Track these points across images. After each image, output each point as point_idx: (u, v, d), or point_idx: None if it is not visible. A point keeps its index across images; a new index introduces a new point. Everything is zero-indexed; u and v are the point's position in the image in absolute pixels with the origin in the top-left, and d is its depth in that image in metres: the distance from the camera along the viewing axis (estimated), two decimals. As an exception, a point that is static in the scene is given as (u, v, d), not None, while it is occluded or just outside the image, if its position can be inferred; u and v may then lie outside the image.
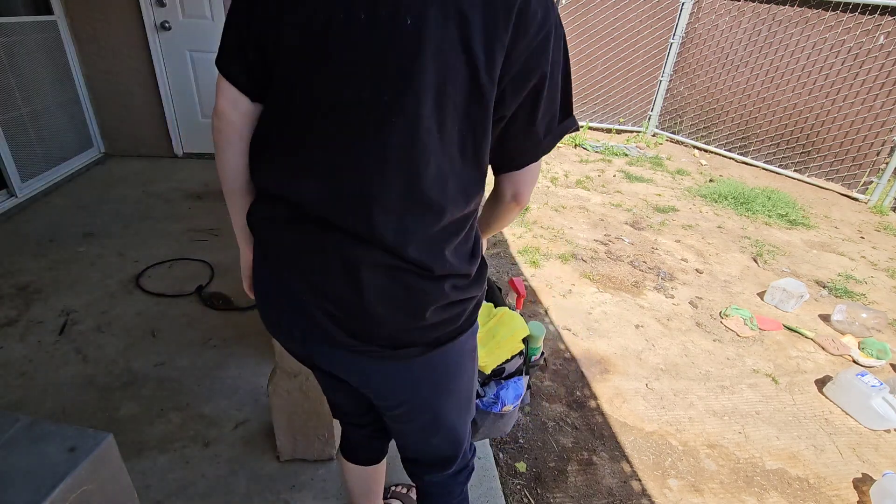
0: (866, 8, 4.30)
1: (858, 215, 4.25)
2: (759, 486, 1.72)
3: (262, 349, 2.05)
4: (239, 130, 0.78)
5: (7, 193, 3.03)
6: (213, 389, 1.85)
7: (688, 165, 5.08)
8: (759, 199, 4.19)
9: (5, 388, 1.79)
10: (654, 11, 5.38)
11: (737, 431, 1.95)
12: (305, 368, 1.42)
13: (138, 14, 3.54)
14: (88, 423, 1.68)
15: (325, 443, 1.56)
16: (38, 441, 0.67)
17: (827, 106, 4.66)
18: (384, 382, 0.87)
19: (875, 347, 2.40)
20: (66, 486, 0.62)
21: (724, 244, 3.46)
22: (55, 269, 2.49)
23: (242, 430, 1.69)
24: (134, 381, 1.87)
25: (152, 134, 3.97)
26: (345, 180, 0.70)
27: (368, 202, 0.70)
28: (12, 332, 2.06)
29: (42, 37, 3.28)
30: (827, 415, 2.08)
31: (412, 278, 0.74)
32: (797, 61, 4.76)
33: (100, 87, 3.75)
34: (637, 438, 1.87)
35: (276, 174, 0.76)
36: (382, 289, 0.74)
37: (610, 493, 1.65)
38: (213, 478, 1.53)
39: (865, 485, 1.76)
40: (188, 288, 2.43)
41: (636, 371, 2.22)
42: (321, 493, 1.50)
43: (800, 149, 4.90)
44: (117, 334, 2.09)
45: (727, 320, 2.60)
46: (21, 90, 3.10)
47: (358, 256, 0.73)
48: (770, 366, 2.33)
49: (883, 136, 4.38)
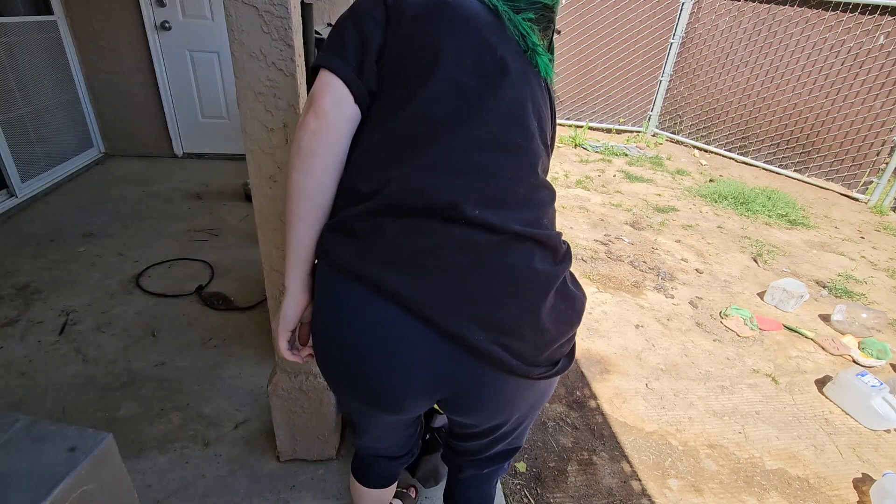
0: (866, 8, 4.30)
1: (858, 215, 4.25)
2: (759, 486, 1.72)
3: (262, 349, 2.05)
4: (341, 134, 0.73)
5: (7, 193, 3.03)
6: (213, 389, 1.85)
7: (688, 165, 5.08)
8: (759, 199, 4.19)
9: (5, 388, 1.79)
10: (654, 11, 5.38)
11: (737, 431, 1.95)
12: (305, 368, 1.43)
13: (138, 14, 3.54)
14: (88, 423, 1.67)
15: (325, 443, 1.56)
16: (38, 441, 0.67)
17: (827, 106, 4.66)
18: (511, 401, 0.81)
19: (875, 347, 2.40)
20: (66, 486, 0.62)
21: (724, 244, 3.46)
22: (55, 269, 2.49)
23: (242, 430, 1.69)
24: (134, 381, 1.87)
25: (152, 134, 3.97)
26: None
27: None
28: (12, 332, 2.06)
29: (42, 37, 3.28)
30: (827, 415, 2.08)
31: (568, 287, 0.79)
32: (797, 61, 4.76)
33: (100, 87, 3.74)
34: (637, 438, 1.87)
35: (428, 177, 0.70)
36: (553, 304, 0.73)
37: (610, 493, 1.65)
38: (213, 478, 1.53)
39: (865, 485, 1.76)
40: (188, 288, 2.43)
41: (636, 371, 2.22)
42: (321, 493, 1.50)
43: (800, 149, 4.90)
44: (117, 334, 2.09)
45: (727, 320, 2.60)
46: (21, 90, 3.10)
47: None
48: (770, 366, 2.33)
49: (883, 136, 4.38)
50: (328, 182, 0.74)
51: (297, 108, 1.08)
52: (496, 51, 0.76)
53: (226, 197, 3.43)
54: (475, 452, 1.06)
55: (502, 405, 0.81)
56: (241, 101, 1.06)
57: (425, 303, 0.67)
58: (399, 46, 0.75)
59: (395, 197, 0.68)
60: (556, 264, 0.74)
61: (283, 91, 1.05)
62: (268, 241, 1.24)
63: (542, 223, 0.74)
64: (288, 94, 1.06)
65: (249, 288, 2.46)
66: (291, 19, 0.99)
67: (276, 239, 1.23)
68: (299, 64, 1.05)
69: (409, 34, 0.75)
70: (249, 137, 1.10)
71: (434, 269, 0.67)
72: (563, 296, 0.75)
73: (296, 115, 1.09)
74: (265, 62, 1.02)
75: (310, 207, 0.74)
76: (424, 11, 0.75)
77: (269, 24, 0.98)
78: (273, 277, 1.29)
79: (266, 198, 1.17)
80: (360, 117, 0.75)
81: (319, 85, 0.73)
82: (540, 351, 0.73)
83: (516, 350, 0.71)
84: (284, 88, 1.05)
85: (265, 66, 1.02)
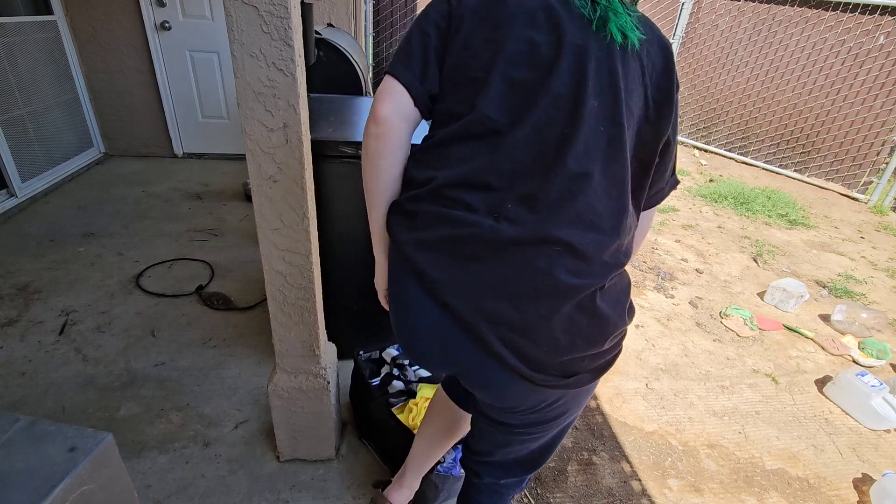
0: (866, 8, 4.30)
1: (858, 215, 4.25)
2: (759, 486, 1.72)
3: (262, 349, 2.05)
4: (401, 137, 0.80)
5: (7, 193, 3.03)
6: (213, 389, 1.85)
7: (688, 165, 5.08)
8: (759, 199, 4.19)
9: (5, 388, 1.79)
10: (654, 11, 5.38)
11: (737, 431, 1.95)
12: (305, 368, 1.43)
13: (138, 14, 3.54)
14: (88, 423, 1.68)
15: (325, 443, 1.56)
16: (38, 441, 0.67)
17: (827, 106, 4.66)
18: (518, 397, 0.84)
19: (875, 347, 2.40)
20: (66, 486, 0.62)
21: (724, 244, 3.46)
22: (55, 269, 2.49)
23: (242, 430, 1.69)
24: (134, 381, 1.87)
25: (152, 134, 3.97)
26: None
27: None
28: (12, 332, 2.06)
29: (42, 37, 3.28)
30: (827, 415, 2.08)
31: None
32: (797, 61, 4.76)
33: (100, 87, 3.74)
34: (637, 438, 1.87)
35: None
36: (570, 316, 0.76)
37: (610, 493, 1.65)
38: (213, 478, 1.53)
39: (865, 485, 1.76)
40: (188, 288, 2.43)
41: (636, 371, 2.22)
42: (321, 493, 1.50)
43: (800, 149, 4.90)
44: (117, 334, 2.09)
45: (727, 320, 2.60)
46: (21, 90, 3.10)
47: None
48: (770, 366, 2.33)
49: (883, 136, 4.38)
50: (395, 175, 0.83)
51: (296, 108, 1.08)
52: (555, 33, 0.72)
53: (226, 197, 3.43)
54: (498, 454, 1.04)
55: (508, 397, 0.83)
56: (241, 101, 1.06)
57: (445, 288, 0.73)
58: (460, 52, 0.78)
59: (437, 189, 0.75)
60: (583, 277, 0.71)
61: (282, 91, 1.05)
62: (268, 241, 1.23)
63: (579, 228, 0.71)
64: (288, 94, 1.06)
65: (249, 288, 2.46)
66: (291, 19, 0.99)
67: (276, 239, 1.23)
68: (299, 64, 1.05)
69: (470, 38, 0.77)
70: (249, 137, 1.10)
71: (459, 258, 0.73)
72: (586, 311, 0.73)
73: (296, 115, 1.09)
74: (265, 62, 1.02)
75: (382, 197, 0.84)
76: (484, 14, 0.76)
77: (269, 24, 0.98)
78: (273, 277, 1.29)
79: (266, 198, 1.17)
80: (420, 119, 0.82)
81: (380, 91, 0.80)
82: (550, 358, 0.74)
83: (524, 351, 0.73)
84: (284, 88, 1.05)
85: (265, 66, 1.02)
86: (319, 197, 1.54)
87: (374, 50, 5.46)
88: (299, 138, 1.11)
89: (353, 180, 1.59)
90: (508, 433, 0.96)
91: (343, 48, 2.46)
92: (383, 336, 1.88)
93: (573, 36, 0.72)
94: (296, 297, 1.32)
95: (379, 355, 1.70)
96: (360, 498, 1.50)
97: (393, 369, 1.61)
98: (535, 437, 0.96)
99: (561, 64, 0.71)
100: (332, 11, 3.53)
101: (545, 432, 0.95)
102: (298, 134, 1.11)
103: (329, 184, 1.60)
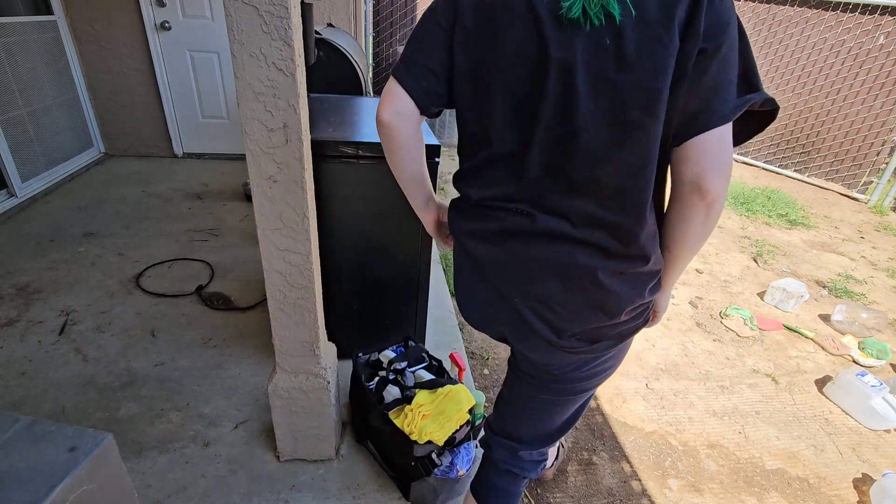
0: (866, 8, 4.30)
1: (858, 215, 4.25)
2: (759, 486, 1.72)
3: (262, 349, 2.05)
4: (406, 134, 0.88)
5: (7, 193, 3.03)
6: (213, 389, 1.85)
7: (688, 165, 5.08)
8: (759, 199, 4.19)
9: (5, 388, 1.79)
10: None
11: (737, 431, 1.95)
12: (305, 368, 1.43)
13: (138, 14, 3.54)
14: (88, 423, 1.68)
15: (326, 443, 1.56)
16: (38, 441, 0.67)
17: (827, 106, 4.67)
18: (547, 356, 0.96)
19: (875, 347, 2.40)
20: (65, 486, 0.62)
21: (724, 244, 3.46)
22: (55, 269, 2.49)
23: (242, 430, 1.69)
24: (134, 381, 1.87)
25: (152, 134, 3.97)
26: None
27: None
28: (12, 332, 2.06)
29: (42, 37, 3.28)
30: (827, 415, 2.08)
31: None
32: (797, 61, 4.76)
33: (100, 87, 3.74)
34: (637, 438, 1.87)
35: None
36: (584, 287, 0.87)
37: (610, 493, 1.65)
38: (213, 478, 1.53)
39: (865, 485, 1.76)
40: (188, 288, 2.43)
41: (636, 371, 2.22)
42: (321, 493, 1.50)
43: (800, 149, 4.90)
44: (117, 334, 2.09)
45: (727, 320, 2.60)
46: (21, 90, 3.10)
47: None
48: (770, 366, 2.33)
49: (883, 136, 4.38)
50: (414, 167, 0.95)
51: (296, 108, 1.08)
52: (537, 30, 0.71)
53: (226, 197, 3.44)
54: (522, 428, 1.13)
55: (540, 356, 0.97)
56: (241, 101, 1.06)
57: (488, 268, 0.91)
58: (465, 55, 0.80)
59: (479, 201, 0.89)
60: (600, 259, 0.80)
61: (282, 91, 1.05)
62: (268, 240, 1.23)
63: (596, 227, 0.79)
64: (288, 94, 1.06)
65: (249, 288, 2.46)
66: (291, 19, 0.99)
67: (276, 239, 1.23)
68: (299, 64, 1.05)
69: (472, 43, 0.79)
70: (249, 137, 1.10)
71: (496, 244, 0.88)
72: (600, 287, 0.81)
73: (296, 115, 1.09)
74: (265, 62, 1.02)
75: (410, 189, 1.00)
76: (481, 20, 0.76)
77: (269, 24, 0.98)
78: (273, 277, 1.29)
79: (266, 198, 1.17)
80: (422, 117, 0.88)
81: (383, 93, 0.85)
82: (569, 326, 0.86)
83: (547, 318, 0.87)
84: (284, 88, 1.05)
85: (265, 65, 1.02)
86: (319, 197, 1.55)
87: (374, 50, 5.46)
88: (299, 138, 1.11)
89: (353, 180, 1.59)
90: (542, 391, 1.05)
91: (343, 48, 2.46)
92: (383, 336, 1.87)
93: (555, 49, 0.70)
94: (296, 297, 1.32)
95: (377, 357, 1.69)
96: (360, 498, 1.50)
97: (389, 374, 1.59)
98: (563, 402, 1.05)
99: (548, 86, 0.73)
100: (332, 11, 3.53)
101: (572, 400, 1.05)
102: (298, 134, 1.11)
103: (329, 184, 1.60)
